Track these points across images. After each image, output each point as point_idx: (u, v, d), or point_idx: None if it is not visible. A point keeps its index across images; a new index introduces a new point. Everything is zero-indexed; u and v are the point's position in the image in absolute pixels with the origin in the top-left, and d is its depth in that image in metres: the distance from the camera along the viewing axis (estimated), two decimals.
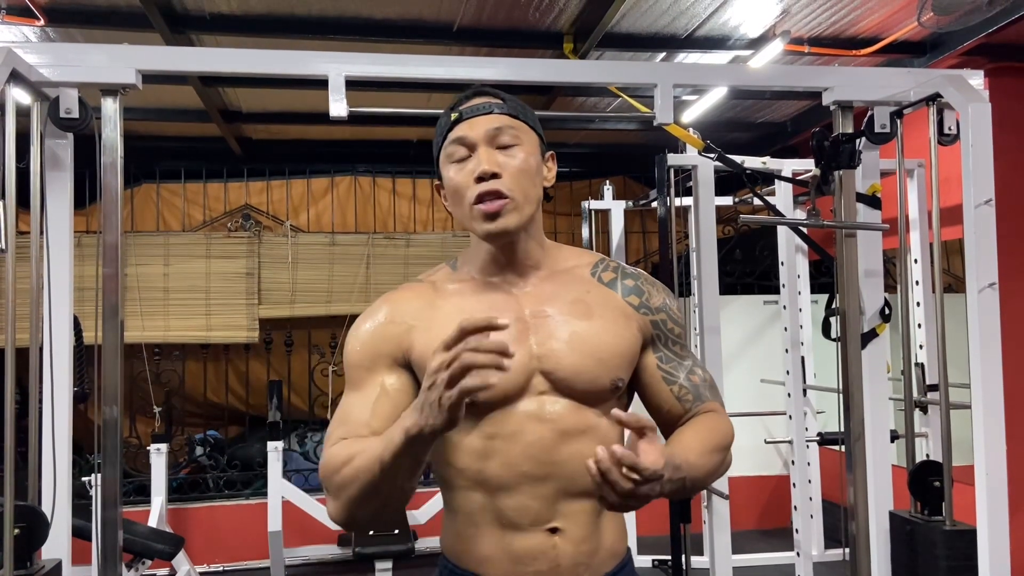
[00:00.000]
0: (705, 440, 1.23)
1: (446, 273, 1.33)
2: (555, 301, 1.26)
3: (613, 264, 1.35)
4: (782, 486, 5.06)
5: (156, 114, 4.78)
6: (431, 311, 1.25)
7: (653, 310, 1.31)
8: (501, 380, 1.14)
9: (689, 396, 1.30)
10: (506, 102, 1.27)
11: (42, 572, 1.93)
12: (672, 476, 1.08)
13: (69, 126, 2.13)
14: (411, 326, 1.24)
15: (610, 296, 1.29)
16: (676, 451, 1.13)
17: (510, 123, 1.25)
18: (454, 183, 1.24)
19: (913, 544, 2.34)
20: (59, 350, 2.12)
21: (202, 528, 4.88)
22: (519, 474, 1.18)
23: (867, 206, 2.56)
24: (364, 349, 1.24)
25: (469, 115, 1.25)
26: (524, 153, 1.25)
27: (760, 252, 5.51)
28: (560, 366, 1.21)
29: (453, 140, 1.25)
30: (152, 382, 5.32)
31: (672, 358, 1.31)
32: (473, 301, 1.26)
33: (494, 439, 1.19)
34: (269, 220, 5.75)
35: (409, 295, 1.29)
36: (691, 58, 3.94)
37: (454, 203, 1.27)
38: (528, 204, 1.25)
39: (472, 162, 1.23)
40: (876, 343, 2.56)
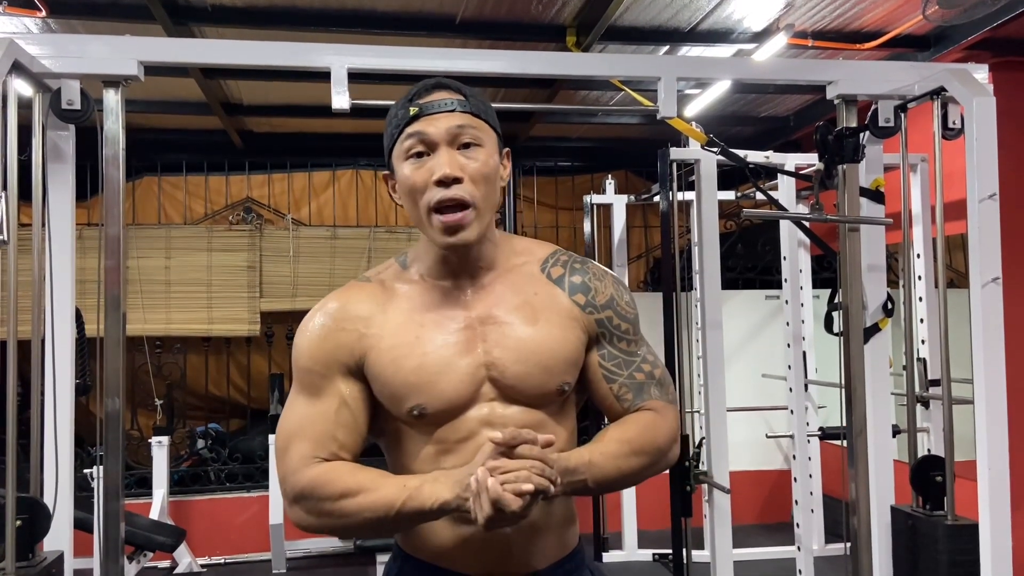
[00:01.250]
0: (622, 442, 1.23)
1: (395, 271, 1.30)
2: (502, 305, 1.25)
3: (564, 258, 1.32)
4: (783, 481, 5.06)
5: (158, 107, 4.78)
6: (382, 316, 1.24)
7: (599, 308, 1.29)
8: (452, 391, 1.20)
9: (628, 395, 1.29)
10: (468, 99, 1.22)
11: (44, 564, 1.93)
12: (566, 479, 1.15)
13: (71, 118, 2.12)
14: (363, 333, 1.22)
15: (556, 296, 1.27)
16: (573, 455, 1.19)
17: (472, 122, 1.21)
18: (410, 182, 1.20)
19: (914, 539, 2.34)
20: (61, 342, 2.11)
21: (203, 520, 4.88)
22: None
23: (870, 200, 2.55)
24: (318, 354, 1.23)
25: (430, 111, 1.20)
26: (485, 155, 1.21)
27: (762, 247, 5.50)
28: (506, 375, 1.21)
29: (411, 135, 1.20)
30: (154, 375, 5.32)
31: (616, 355, 1.30)
32: (422, 307, 1.24)
33: (447, 445, 1.21)
34: (271, 213, 5.74)
35: (360, 296, 1.26)
36: (694, 52, 3.93)
37: (409, 202, 1.23)
38: (488, 211, 1.22)
39: (431, 161, 1.19)
40: (878, 338, 2.55)
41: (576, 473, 1.17)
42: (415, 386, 1.19)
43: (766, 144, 4.86)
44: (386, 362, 1.21)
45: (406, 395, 1.20)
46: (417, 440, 1.23)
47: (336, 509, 1.16)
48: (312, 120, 5.17)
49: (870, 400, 2.50)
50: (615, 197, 4.84)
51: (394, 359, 1.20)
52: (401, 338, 1.21)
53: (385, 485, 1.16)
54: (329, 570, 4.72)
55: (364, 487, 1.16)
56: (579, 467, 1.17)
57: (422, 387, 1.19)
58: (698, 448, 3.29)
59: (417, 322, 1.23)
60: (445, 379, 1.19)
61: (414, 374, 1.19)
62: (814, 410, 4.49)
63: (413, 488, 1.14)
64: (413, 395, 1.19)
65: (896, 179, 2.65)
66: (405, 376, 1.19)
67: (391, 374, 1.20)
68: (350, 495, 1.16)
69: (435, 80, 1.26)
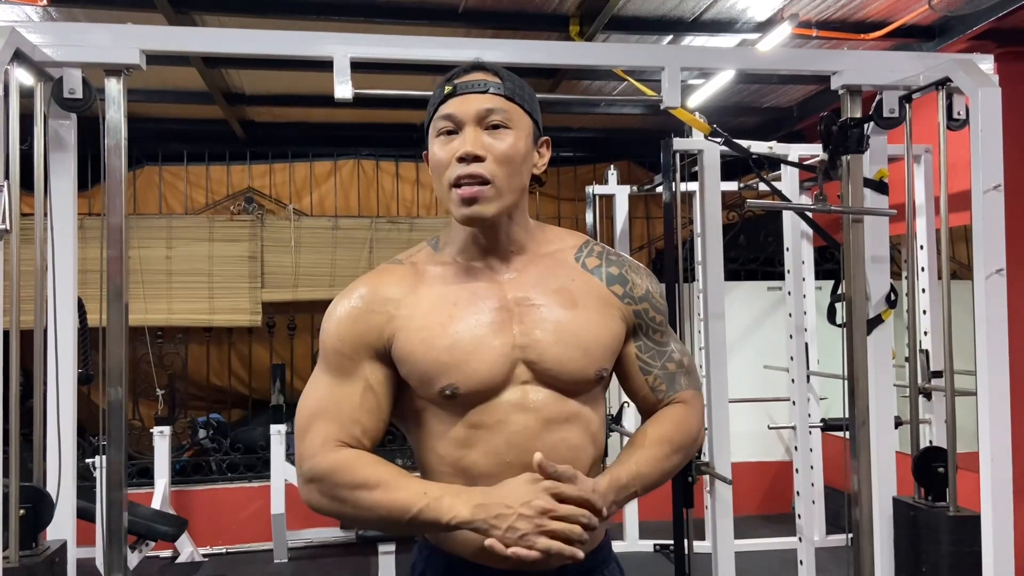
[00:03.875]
0: (663, 442, 1.26)
1: (427, 253, 1.30)
2: (539, 288, 1.24)
3: (598, 249, 1.33)
4: (784, 472, 5.06)
5: (159, 96, 4.77)
6: (413, 297, 1.23)
7: (636, 300, 1.30)
8: (485, 370, 1.18)
9: (663, 387, 1.32)
10: (504, 81, 1.23)
11: (47, 553, 1.93)
12: (617, 497, 1.18)
13: (73, 106, 2.12)
14: (392, 315, 1.22)
15: (594, 284, 1.28)
16: (623, 470, 1.20)
17: (503, 105, 1.21)
18: (436, 158, 1.22)
19: (916, 530, 2.34)
20: (63, 332, 2.11)
21: (205, 510, 4.90)
22: (502, 463, 1.18)
23: (874, 191, 2.54)
24: (347, 335, 1.22)
25: (462, 91, 1.21)
26: (513, 137, 1.21)
27: (764, 238, 5.49)
28: (544, 357, 1.20)
29: (442, 115, 1.21)
30: (155, 365, 5.32)
31: (651, 347, 1.32)
32: (456, 288, 1.24)
33: (478, 428, 1.19)
34: (272, 203, 5.73)
35: (390, 279, 1.26)
36: (698, 41, 3.91)
37: (436, 179, 1.24)
38: (510, 192, 1.21)
39: (457, 140, 1.20)
40: (881, 329, 2.55)
41: (628, 488, 1.20)
42: (447, 365, 1.18)
43: (769, 135, 4.84)
44: (416, 342, 1.20)
45: (438, 374, 1.18)
46: (447, 422, 1.21)
47: (351, 498, 1.16)
48: (314, 109, 5.15)
49: (872, 391, 2.50)
50: (617, 188, 4.83)
51: (425, 339, 1.19)
52: (433, 318, 1.21)
53: (405, 487, 1.15)
54: (331, 560, 4.74)
55: (384, 483, 1.15)
56: (631, 481, 1.20)
57: (455, 366, 1.18)
58: None
59: (450, 301, 1.22)
60: (478, 358, 1.18)
61: (447, 353, 1.18)
62: (816, 401, 4.48)
63: (433, 498, 1.13)
64: (445, 374, 1.18)
65: (900, 170, 2.64)
66: (437, 355, 1.18)
67: (422, 353, 1.19)
68: (368, 488, 1.15)
69: (475, 61, 1.27)
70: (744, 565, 3.33)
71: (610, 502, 1.16)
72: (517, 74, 1.29)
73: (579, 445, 1.22)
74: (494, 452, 1.18)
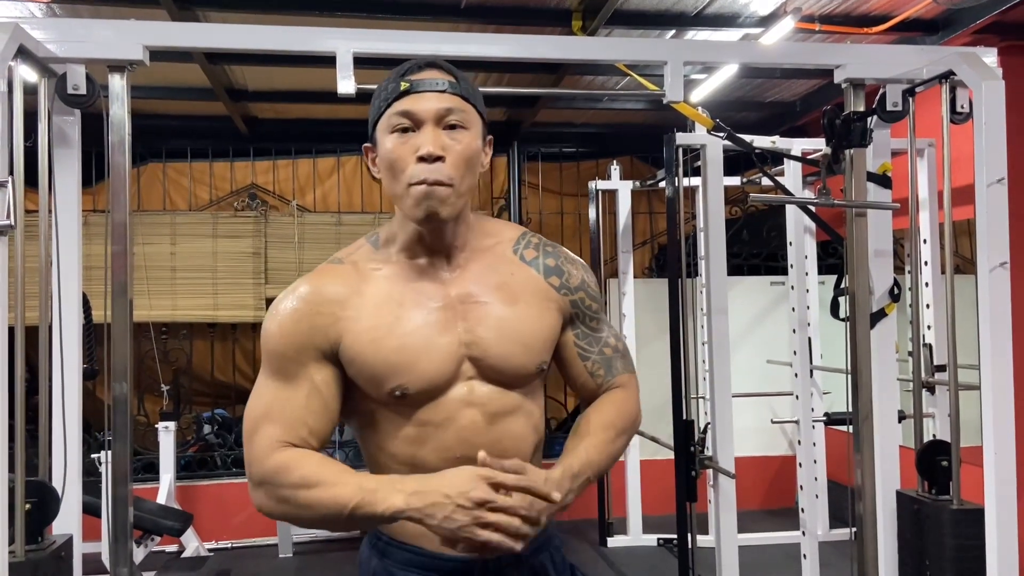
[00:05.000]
0: (607, 427, 1.30)
1: (368, 251, 1.30)
2: (481, 285, 1.26)
3: (535, 240, 1.35)
4: (787, 466, 5.07)
5: (162, 92, 4.77)
6: (358, 298, 1.23)
7: (573, 290, 1.33)
8: (434, 370, 1.20)
9: (600, 371, 1.36)
10: (459, 81, 1.23)
11: (53, 547, 1.94)
12: (572, 485, 1.20)
13: (76, 102, 2.12)
14: (338, 316, 1.21)
15: (532, 278, 1.30)
16: (575, 459, 1.23)
17: (460, 105, 1.21)
18: (393, 156, 1.20)
19: (920, 523, 2.34)
20: (68, 328, 2.12)
21: (210, 505, 4.92)
22: (452, 459, 1.19)
23: (877, 185, 2.54)
24: (291, 338, 1.21)
25: (420, 88, 1.20)
26: (469, 138, 1.21)
27: (767, 233, 5.49)
28: (488, 354, 1.23)
29: (399, 111, 1.20)
30: (160, 361, 5.34)
31: (588, 334, 1.35)
32: (400, 287, 1.24)
33: (427, 426, 1.22)
34: (275, 200, 5.73)
35: (333, 279, 1.25)
36: (701, 36, 3.90)
37: (389, 176, 1.23)
38: (465, 192, 1.23)
39: (417, 138, 1.19)
40: (885, 323, 2.55)
41: (581, 475, 1.23)
42: (396, 366, 1.19)
43: (772, 129, 4.84)
44: (365, 343, 1.20)
45: (387, 376, 1.19)
46: (396, 421, 1.23)
47: (293, 497, 1.16)
48: (316, 106, 5.15)
49: (876, 385, 2.50)
50: (620, 183, 4.83)
51: (373, 339, 1.20)
52: (380, 319, 1.21)
53: (343, 483, 1.14)
54: (335, 555, 4.75)
55: (323, 480, 1.14)
56: (583, 469, 1.23)
57: (404, 367, 1.19)
58: (703, 433, 3.29)
59: (396, 301, 1.23)
60: (426, 358, 1.20)
61: (395, 354, 1.19)
62: (819, 396, 4.49)
63: (368, 491, 1.13)
64: (394, 375, 1.19)
65: (903, 164, 2.64)
66: (386, 356, 1.19)
67: (371, 354, 1.20)
68: (308, 486, 1.15)
69: (427, 59, 1.26)
70: (747, 559, 3.34)
71: (566, 490, 1.18)
72: (520, 69, 1.29)
73: (522, 435, 1.26)
74: (444, 448, 1.21)
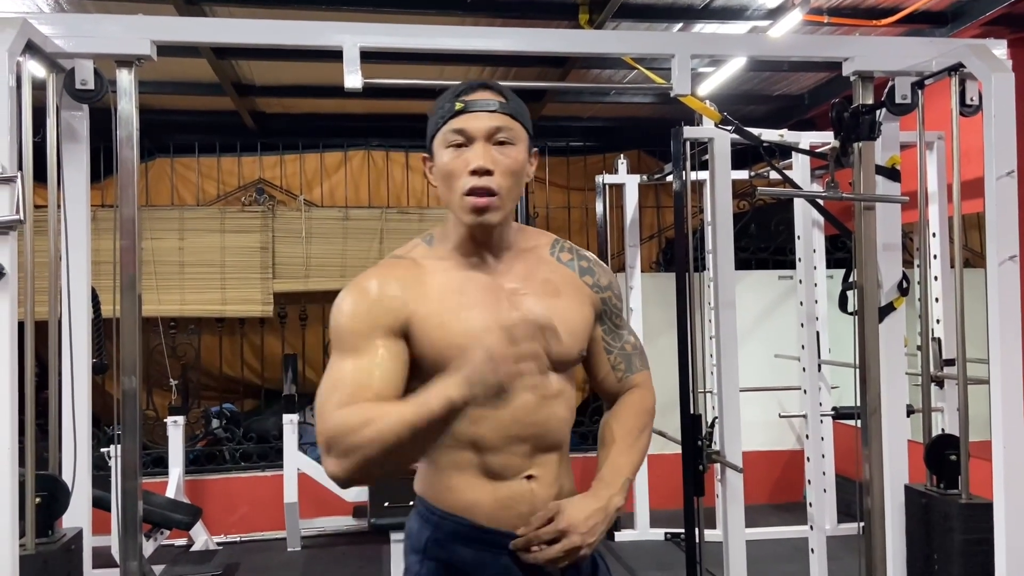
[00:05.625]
0: (631, 431, 1.49)
1: (423, 249, 1.44)
2: (528, 280, 1.42)
3: (567, 245, 1.53)
4: (796, 461, 5.06)
5: (170, 87, 4.79)
6: (421, 288, 1.36)
7: (603, 288, 1.50)
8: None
9: (621, 365, 1.54)
10: (508, 101, 1.38)
11: (63, 540, 1.95)
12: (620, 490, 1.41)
13: (85, 97, 2.13)
14: (405, 301, 1.34)
15: (570, 275, 1.47)
16: (619, 472, 1.43)
17: (508, 123, 1.36)
18: (448, 168, 1.35)
19: (928, 518, 2.34)
20: (77, 323, 2.13)
21: (219, 499, 4.94)
22: (507, 436, 1.35)
23: (886, 178, 2.53)
24: (360, 319, 1.32)
25: (474, 108, 1.35)
26: (515, 152, 1.36)
27: (775, 227, 5.46)
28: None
29: (455, 129, 1.35)
30: (168, 355, 5.37)
31: (612, 330, 1.53)
32: (459, 278, 1.39)
33: (486, 406, 1.29)
34: (283, 194, 5.75)
35: (398, 271, 1.39)
36: (708, 29, 3.89)
37: (444, 185, 1.38)
38: (511, 201, 1.38)
39: (469, 153, 1.34)
40: (893, 317, 2.54)
41: (627, 481, 1.43)
42: (462, 347, 1.27)
43: (780, 123, 4.82)
44: (433, 326, 1.33)
45: (454, 356, 1.27)
46: None
47: (357, 442, 1.20)
48: (324, 100, 5.16)
49: (884, 379, 2.49)
50: (627, 177, 4.82)
51: (440, 323, 1.33)
52: (444, 304, 1.35)
53: (398, 407, 1.22)
54: (343, 548, 4.77)
55: (379, 414, 1.21)
56: (628, 476, 1.44)
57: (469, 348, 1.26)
58: (710, 428, 3.29)
59: (456, 291, 1.38)
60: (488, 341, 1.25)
61: (461, 336, 1.32)
62: (827, 390, 4.47)
63: (420, 402, 1.20)
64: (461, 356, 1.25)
65: (912, 158, 2.62)
66: (452, 338, 1.32)
67: (438, 336, 1.33)
68: (367, 424, 1.20)
69: (480, 81, 1.43)
70: (755, 553, 3.34)
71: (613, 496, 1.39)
72: (526, 63, 1.34)
73: (564, 417, 1.42)
74: (501, 427, 1.35)
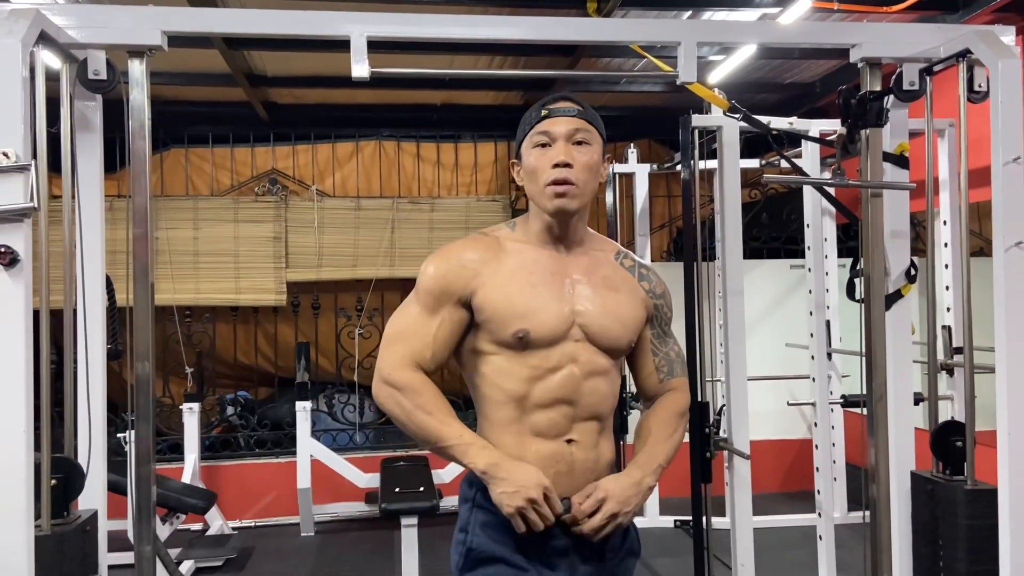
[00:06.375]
0: (666, 424, 1.67)
1: (507, 232, 1.66)
2: (592, 273, 1.63)
3: (630, 254, 1.74)
4: (807, 449, 5.05)
5: (184, 79, 4.82)
6: (496, 263, 1.59)
7: (657, 296, 1.71)
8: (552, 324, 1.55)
9: (664, 368, 1.72)
10: (585, 110, 1.61)
11: (78, 521, 1.99)
12: (653, 472, 1.59)
13: (98, 88, 2.16)
14: (478, 272, 1.57)
15: (629, 278, 1.68)
16: (656, 456, 1.61)
17: (586, 127, 1.60)
18: (533, 165, 1.59)
19: (934, 504, 2.34)
20: (92, 310, 2.17)
21: (233, 485, 5.01)
22: (554, 398, 1.55)
23: (894, 166, 2.52)
24: (439, 280, 1.58)
25: (556, 114, 1.59)
26: (591, 152, 1.59)
27: (787, 216, 5.45)
28: (594, 323, 1.58)
29: (540, 131, 1.58)
30: (184, 343, 5.43)
31: (661, 335, 1.73)
32: (531, 260, 1.60)
33: (538, 369, 1.55)
34: (295, 184, 5.79)
35: (479, 245, 1.62)
36: (717, 16, 3.87)
37: (529, 181, 1.60)
38: (587, 193, 1.60)
39: (552, 151, 1.57)
40: (901, 304, 2.53)
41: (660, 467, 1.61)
42: (523, 315, 1.54)
43: (792, 111, 4.80)
44: (500, 296, 1.55)
45: (515, 320, 1.54)
46: (514, 360, 1.56)
47: (410, 412, 1.53)
48: (335, 91, 5.18)
49: (891, 367, 2.49)
50: (637, 166, 4.82)
51: (507, 294, 1.55)
52: (513, 278, 1.57)
53: (450, 424, 1.53)
54: (355, 534, 4.83)
55: (438, 413, 1.53)
56: (662, 463, 1.62)
57: (529, 315, 1.54)
58: (718, 415, 3.30)
59: (527, 270, 1.59)
60: (546, 313, 1.55)
61: (523, 305, 1.55)
62: (838, 379, 4.47)
63: (465, 443, 1.52)
64: (521, 320, 1.54)
65: (922, 146, 2.61)
66: (515, 306, 1.54)
67: (503, 304, 1.55)
68: (426, 411, 1.53)
69: (562, 94, 1.66)
70: (764, 541, 3.35)
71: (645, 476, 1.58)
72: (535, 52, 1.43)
73: (605, 394, 1.61)
74: (548, 390, 1.56)
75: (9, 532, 1.74)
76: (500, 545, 1.54)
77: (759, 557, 3.17)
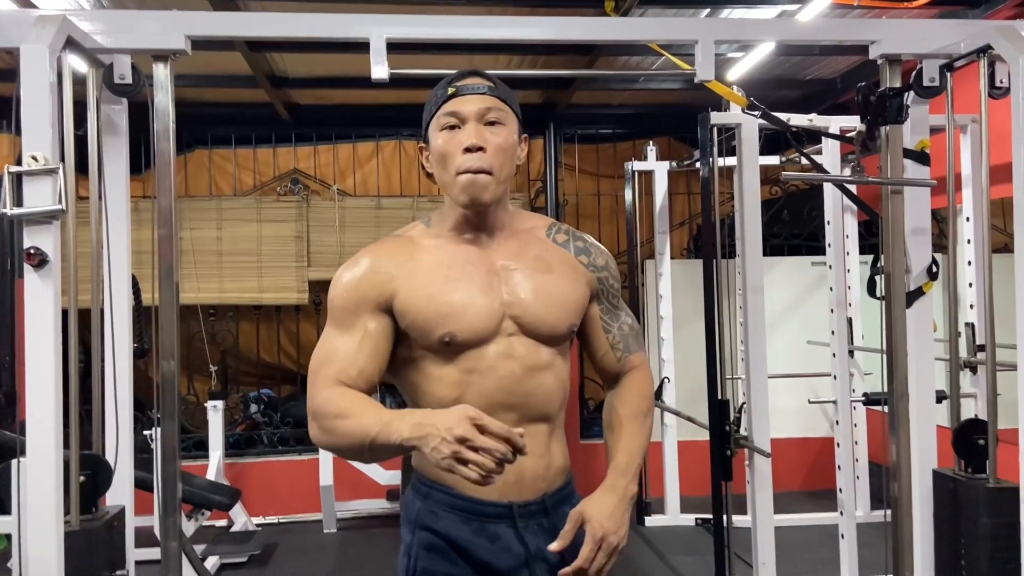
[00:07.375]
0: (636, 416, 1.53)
1: (421, 230, 1.50)
2: (520, 257, 1.46)
3: (564, 227, 1.56)
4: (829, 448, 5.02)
5: (207, 81, 4.88)
6: (411, 263, 1.42)
7: (599, 268, 1.54)
8: (479, 322, 1.39)
9: (620, 345, 1.56)
10: (496, 86, 1.44)
11: (106, 517, 2.04)
12: (634, 477, 1.46)
13: (123, 91, 2.20)
14: (393, 276, 1.41)
15: (564, 255, 1.51)
16: (631, 461, 1.48)
17: (498, 105, 1.42)
18: (442, 149, 1.41)
19: (956, 502, 2.33)
20: (119, 309, 2.21)
21: (257, 482, 5.06)
22: (492, 404, 1.36)
23: (915, 162, 2.50)
24: (349, 294, 1.41)
25: (464, 92, 1.41)
26: (506, 132, 1.42)
27: (808, 213, 5.41)
28: (527, 312, 1.42)
29: (447, 112, 1.41)
30: (208, 342, 5.50)
31: (610, 310, 1.56)
32: (450, 255, 1.44)
33: (471, 373, 1.40)
34: (317, 184, 5.84)
35: (390, 248, 1.46)
36: (736, 14, 3.86)
37: (439, 168, 1.43)
38: (504, 179, 1.43)
39: (461, 134, 1.39)
40: (922, 302, 2.52)
41: (639, 468, 1.49)
42: (447, 316, 1.38)
43: (812, 107, 4.77)
44: (419, 297, 1.39)
45: (438, 324, 1.38)
46: (443, 367, 1.41)
47: (332, 428, 1.33)
48: (356, 91, 5.22)
49: (912, 364, 2.48)
50: (657, 164, 4.81)
51: (427, 295, 1.39)
52: (432, 277, 1.41)
53: (368, 414, 1.30)
54: (378, 531, 4.86)
55: (354, 412, 1.31)
56: (639, 463, 1.49)
57: (453, 317, 1.38)
58: (739, 413, 3.29)
59: (446, 265, 1.43)
60: (472, 311, 1.39)
61: (446, 306, 1.39)
62: (860, 376, 4.44)
63: (384, 423, 1.27)
64: (444, 323, 1.38)
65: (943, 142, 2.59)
66: (437, 307, 1.38)
67: (424, 306, 1.39)
68: (343, 417, 1.32)
69: (470, 69, 1.48)
70: (786, 540, 3.35)
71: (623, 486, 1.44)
72: (554, 51, 1.40)
73: (552, 389, 1.45)
74: (486, 394, 1.38)
75: (40, 528, 1.79)
76: (450, 564, 1.40)
77: (780, 556, 3.16)
